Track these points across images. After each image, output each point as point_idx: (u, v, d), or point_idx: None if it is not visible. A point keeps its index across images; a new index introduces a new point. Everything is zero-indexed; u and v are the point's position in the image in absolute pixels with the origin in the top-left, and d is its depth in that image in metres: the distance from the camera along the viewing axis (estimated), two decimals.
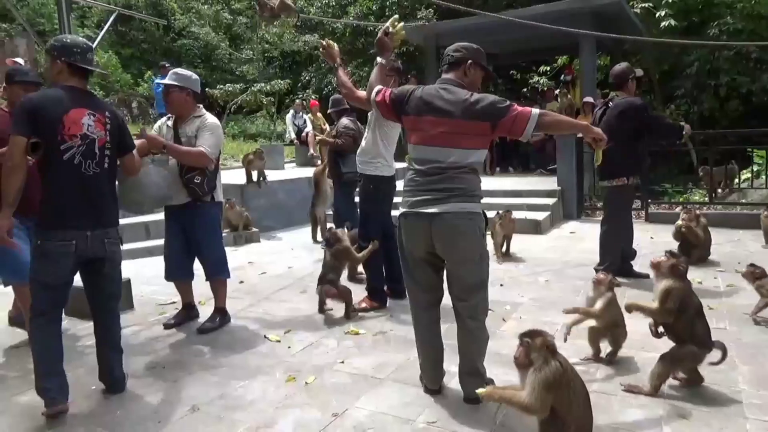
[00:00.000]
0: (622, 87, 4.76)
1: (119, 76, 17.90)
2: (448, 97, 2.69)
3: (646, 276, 4.91)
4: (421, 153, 2.75)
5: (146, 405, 2.90)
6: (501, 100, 2.67)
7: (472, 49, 2.84)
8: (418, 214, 2.71)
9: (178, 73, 3.95)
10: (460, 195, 2.66)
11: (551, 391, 2.17)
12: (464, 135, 2.64)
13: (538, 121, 2.61)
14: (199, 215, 3.90)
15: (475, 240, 2.69)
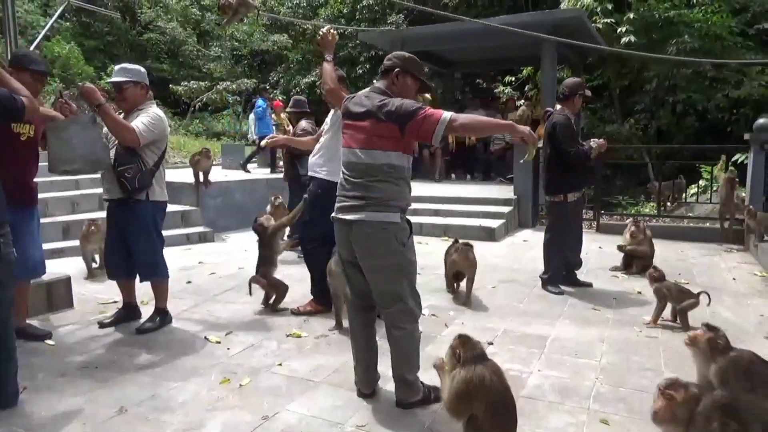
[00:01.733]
0: (567, 100, 4.83)
1: (81, 68, 17.46)
2: (366, 102, 2.75)
3: (589, 285, 5.05)
4: (345, 155, 2.82)
5: (73, 406, 2.83)
6: (412, 103, 2.67)
7: (403, 58, 2.86)
8: (340, 220, 2.78)
9: (127, 68, 3.86)
10: (374, 204, 2.68)
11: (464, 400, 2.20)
12: (376, 137, 2.68)
13: (449, 124, 2.57)
14: (131, 213, 3.81)
15: (389, 250, 2.69)
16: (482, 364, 2.26)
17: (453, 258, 4.63)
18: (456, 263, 4.63)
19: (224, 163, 10.42)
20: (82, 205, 6.91)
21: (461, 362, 2.24)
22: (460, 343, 2.29)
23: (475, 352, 2.29)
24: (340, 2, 18.00)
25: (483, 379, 2.22)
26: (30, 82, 3.46)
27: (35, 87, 3.54)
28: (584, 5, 11.86)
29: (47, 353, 3.52)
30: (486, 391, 2.22)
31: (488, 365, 2.29)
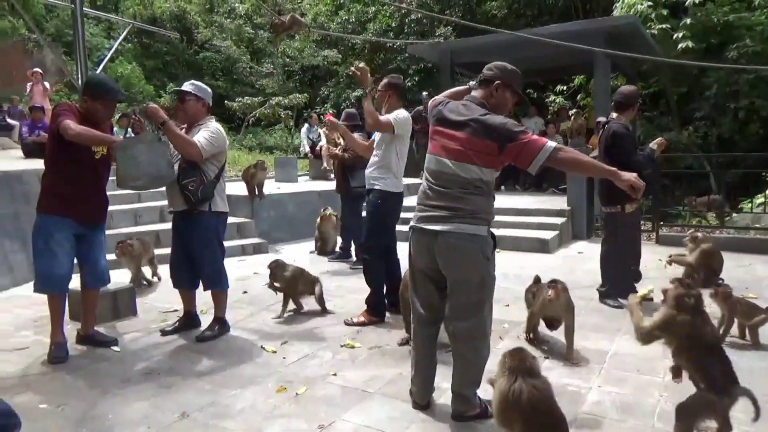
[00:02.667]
0: (624, 109, 4.72)
1: (142, 87, 18.29)
2: (464, 112, 2.70)
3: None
4: (432, 164, 2.78)
5: (138, 410, 2.94)
6: (515, 124, 2.62)
7: (505, 71, 2.77)
8: (422, 230, 2.75)
9: (195, 84, 4.05)
10: (463, 216, 2.65)
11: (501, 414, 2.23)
12: (472, 152, 2.63)
13: (551, 155, 2.51)
14: (195, 224, 3.94)
15: (475, 263, 2.67)
16: (523, 379, 2.21)
17: (545, 300, 3.67)
18: (548, 307, 3.71)
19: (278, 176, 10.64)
20: (145, 217, 7.20)
21: (504, 374, 2.21)
22: (508, 354, 2.25)
23: (519, 365, 2.24)
24: (388, 16, 18.18)
25: (520, 395, 2.17)
26: (102, 110, 3.67)
27: (107, 114, 3.76)
28: (638, 12, 11.55)
29: (113, 359, 3.67)
30: (522, 408, 2.17)
31: (530, 381, 2.23)
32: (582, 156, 2.72)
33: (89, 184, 3.68)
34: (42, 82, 11.10)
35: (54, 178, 3.59)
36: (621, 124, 4.66)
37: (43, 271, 3.56)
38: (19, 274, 5.48)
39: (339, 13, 19.83)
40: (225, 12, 21.49)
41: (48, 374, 3.42)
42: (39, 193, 3.65)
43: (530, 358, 2.31)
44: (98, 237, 3.83)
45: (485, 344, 2.79)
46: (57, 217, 3.53)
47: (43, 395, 3.12)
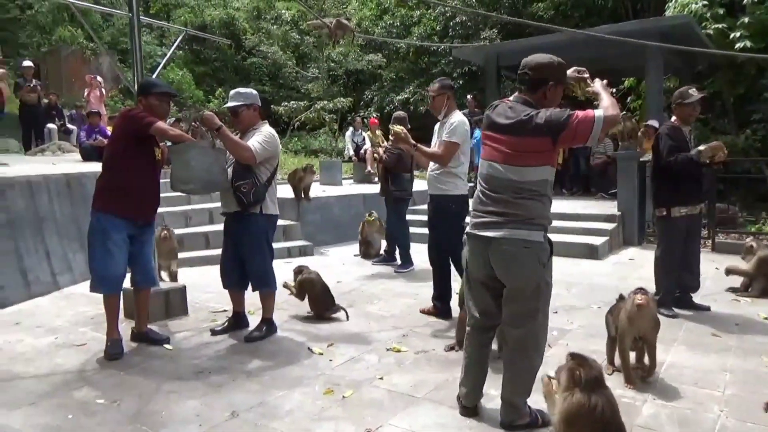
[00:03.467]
0: (673, 111, 4.61)
1: (192, 92, 18.80)
2: (510, 114, 2.65)
3: (707, 308, 4.70)
4: (485, 168, 2.75)
5: (190, 408, 3.01)
6: (559, 111, 2.54)
7: (553, 67, 2.69)
8: (477, 237, 2.72)
9: (241, 92, 4.10)
10: (517, 221, 2.60)
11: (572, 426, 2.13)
12: (522, 152, 2.59)
13: (604, 122, 2.47)
14: (246, 226, 4.01)
15: (530, 270, 2.62)
16: (599, 392, 2.15)
17: (633, 309, 3.18)
18: (637, 318, 3.18)
19: (322, 179, 10.74)
20: (195, 219, 7.38)
21: (578, 385, 2.14)
22: (578, 364, 2.18)
23: (593, 375, 2.17)
24: (433, 20, 18.14)
25: (595, 408, 2.11)
26: (158, 104, 3.80)
27: (163, 108, 3.87)
28: (692, 11, 11.14)
29: (166, 357, 3.76)
30: (595, 421, 2.10)
31: (604, 393, 2.17)
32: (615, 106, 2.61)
33: (147, 184, 3.82)
34: (99, 88, 11.54)
35: (114, 177, 3.72)
36: (669, 125, 4.61)
37: (98, 271, 3.69)
38: (77, 272, 5.70)
39: (383, 17, 19.92)
40: (272, 18, 21.89)
41: (104, 370, 3.54)
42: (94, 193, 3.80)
43: (599, 368, 2.25)
44: (149, 238, 3.96)
45: (538, 353, 2.74)
46: (113, 216, 3.66)
47: (99, 390, 3.22)
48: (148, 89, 3.85)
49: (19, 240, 5.22)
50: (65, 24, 18.41)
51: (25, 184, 5.49)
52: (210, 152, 3.83)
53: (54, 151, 10.33)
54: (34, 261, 5.33)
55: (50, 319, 4.59)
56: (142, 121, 3.62)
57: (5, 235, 5.11)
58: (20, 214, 5.33)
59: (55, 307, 4.92)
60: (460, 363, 3.43)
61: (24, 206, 5.40)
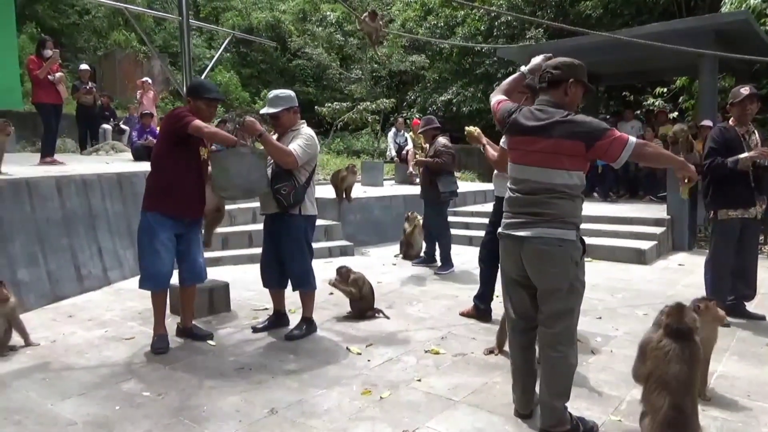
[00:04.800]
0: (729, 111, 4.44)
1: (239, 94, 19.22)
2: (542, 117, 2.65)
3: (762, 318, 4.49)
4: (516, 172, 2.75)
5: (231, 403, 3.06)
6: (599, 122, 2.63)
7: (573, 66, 2.73)
8: (510, 237, 2.72)
9: (279, 96, 4.10)
10: (550, 220, 2.60)
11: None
12: (558, 155, 2.58)
13: (635, 150, 2.54)
14: (286, 226, 4.06)
15: (563, 268, 2.61)
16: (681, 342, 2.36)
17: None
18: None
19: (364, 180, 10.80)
20: (239, 218, 7.53)
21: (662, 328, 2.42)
22: (675, 311, 2.45)
23: (678, 325, 2.39)
24: (478, 20, 17.98)
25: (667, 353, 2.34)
26: (205, 108, 3.88)
27: (209, 112, 3.96)
28: (750, 6, 10.68)
29: (209, 353, 3.85)
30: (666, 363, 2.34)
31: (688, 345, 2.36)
32: (659, 149, 2.82)
33: (194, 183, 3.91)
34: (151, 90, 11.94)
35: (163, 177, 3.83)
36: (719, 126, 4.51)
37: (147, 269, 3.81)
38: (127, 268, 5.91)
39: (428, 18, 19.85)
40: (317, 20, 22.15)
41: (150, 364, 3.65)
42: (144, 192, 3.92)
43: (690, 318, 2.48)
44: (196, 235, 4.05)
45: (573, 352, 2.69)
46: (162, 215, 3.77)
47: (145, 383, 3.33)
48: (199, 92, 3.92)
49: (73, 236, 5.44)
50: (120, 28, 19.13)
51: (80, 182, 5.73)
52: (249, 158, 3.84)
53: (107, 151, 10.74)
54: (86, 256, 5.55)
55: (101, 312, 4.76)
56: (182, 120, 3.70)
57: (61, 231, 5.34)
58: (75, 211, 5.57)
59: (105, 302, 5.11)
60: (500, 367, 3.43)
61: (78, 204, 5.63)
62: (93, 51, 19.08)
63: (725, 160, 4.28)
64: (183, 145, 3.80)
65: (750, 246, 4.57)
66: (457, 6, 18.41)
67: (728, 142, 4.35)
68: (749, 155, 4.21)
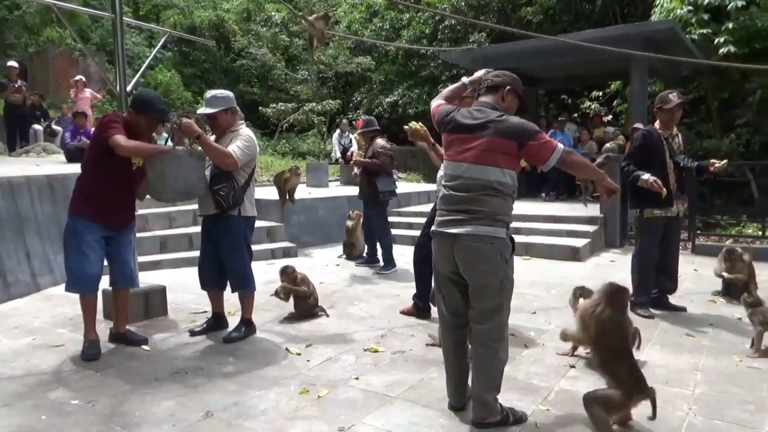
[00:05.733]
0: (655, 114, 4.67)
1: (180, 94, 18.73)
2: (479, 116, 2.76)
3: (683, 309, 4.76)
4: (451, 169, 2.83)
5: (165, 408, 3.01)
6: (531, 125, 2.75)
7: (512, 77, 2.92)
8: (443, 234, 2.79)
9: (217, 97, 4.02)
10: (482, 218, 2.69)
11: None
12: (492, 152, 2.68)
13: (561, 156, 2.68)
14: (224, 228, 4.02)
15: (494, 265, 2.70)
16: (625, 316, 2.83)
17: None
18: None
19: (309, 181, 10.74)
20: (179, 221, 7.37)
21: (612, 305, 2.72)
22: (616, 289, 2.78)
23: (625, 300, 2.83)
24: (423, 23, 18.20)
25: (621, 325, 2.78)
26: (144, 125, 3.78)
27: (149, 129, 3.87)
28: (677, 16, 11.27)
29: (143, 358, 3.76)
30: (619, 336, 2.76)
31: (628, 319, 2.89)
32: (583, 160, 2.93)
33: (123, 192, 3.81)
34: (85, 90, 11.49)
35: (90, 183, 3.72)
36: (643, 129, 4.80)
37: (73, 271, 3.69)
38: (58, 273, 5.67)
39: (373, 20, 19.94)
40: (261, 20, 21.88)
41: (80, 371, 3.53)
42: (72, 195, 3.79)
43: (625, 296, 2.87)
44: (127, 238, 3.94)
45: (503, 347, 2.79)
46: (88, 221, 3.67)
47: (74, 391, 3.22)
48: (143, 108, 3.76)
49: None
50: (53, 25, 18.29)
51: (5, 185, 5.47)
52: (186, 161, 3.77)
53: (38, 153, 10.27)
54: (14, 262, 5.31)
55: (28, 320, 4.57)
56: (104, 132, 3.58)
57: None
58: (0, 215, 5.31)
59: (33, 308, 4.90)
60: (436, 363, 3.50)
61: (4, 207, 5.38)
62: (24, 47, 18.21)
63: (634, 171, 4.50)
64: (111, 155, 3.61)
65: (672, 242, 4.84)
66: (403, 9, 18.60)
67: (651, 145, 4.58)
68: (648, 181, 4.37)
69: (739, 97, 12.47)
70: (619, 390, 2.64)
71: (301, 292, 4.64)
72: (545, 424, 2.81)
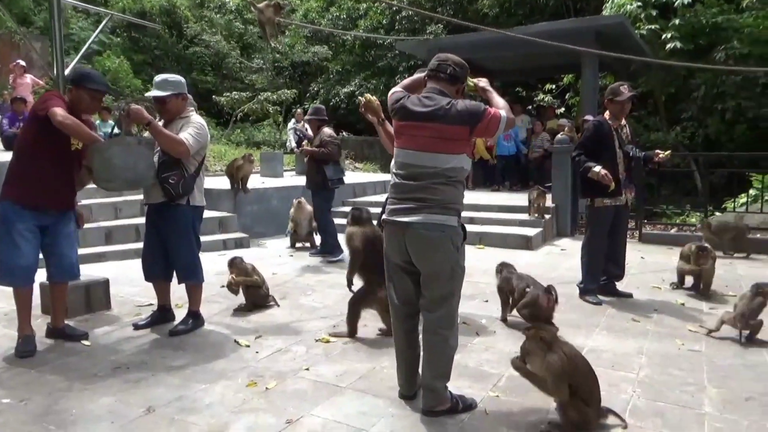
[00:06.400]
0: (605, 106, 4.75)
1: (130, 81, 18.10)
2: (429, 103, 2.70)
3: (629, 295, 4.87)
4: (401, 157, 2.78)
5: (103, 405, 2.88)
6: (476, 104, 2.71)
7: (468, 69, 2.86)
8: (394, 223, 2.75)
9: (168, 80, 3.90)
10: (433, 206, 2.66)
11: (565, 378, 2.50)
12: (443, 140, 2.65)
13: (507, 122, 2.71)
14: (172, 217, 3.88)
15: (445, 253, 2.68)
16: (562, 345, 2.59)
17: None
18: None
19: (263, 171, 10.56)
20: (125, 211, 7.11)
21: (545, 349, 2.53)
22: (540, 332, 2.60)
23: (553, 335, 2.62)
24: (380, 13, 18.11)
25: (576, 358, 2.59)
26: (87, 99, 3.59)
27: (92, 104, 3.68)
28: (627, 12, 11.56)
29: (83, 353, 3.59)
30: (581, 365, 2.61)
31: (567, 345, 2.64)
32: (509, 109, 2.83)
33: (60, 174, 3.60)
34: (25, 75, 10.95)
35: (25, 165, 3.51)
36: (594, 120, 4.84)
37: (4, 263, 3.48)
38: None
39: (330, 9, 19.75)
40: (215, 7, 21.34)
41: (14, 368, 3.35)
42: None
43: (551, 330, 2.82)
44: (64, 229, 3.72)
45: (453, 335, 2.78)
46: (20, 207, 3.46)
47: (6, 390, 3.04)
48: (81, 81, 3.61)
49: None
50: None
51: None
52: (135, 149, 3.62)
53: None
54: None
55: None
56: (44, 103, 3.41)
57: None
58: None
59: None
60: (388, 352, 3.47)
61: None
62: None
63: (586, 162, 4.55)
64: (50, 132, 3.44)
65: (620, 230, 4.94)
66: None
67: (601, 136, 4.65)
68: (599, 173, 4.42)
69: (684, 92, 12.91)
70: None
71: (254, 282, 4.53)
72: (495, 411, 2.82)
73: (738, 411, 2.81)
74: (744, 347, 3.67)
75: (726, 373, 3.27)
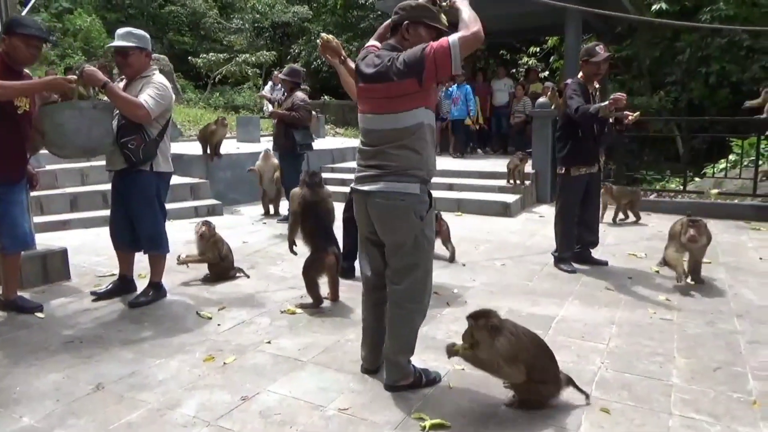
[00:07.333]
0: (580, 67, 4.57)
1: (103, 41, 17.47)
2: (377, 62, 2.52)
3: (604, 263, 4.81)
4: (362, 122, 2.64)
5: (50, 381, 2.75)
6: (414, 49, 2.41)
7: (409, 8, 2.58)
8: (358, 192, 2.63)
9: (132, 33, 3.67)
10: (393, 173, 2.50)
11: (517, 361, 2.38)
12: (395, 98, 2.46)
13: (460, 47, 2.32)
14: (134, 184, 3.69)
15: (406, 223, 2.53)
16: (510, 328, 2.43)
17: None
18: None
19: (239, 136, 10.28)
20: (92, 177, 6.87)
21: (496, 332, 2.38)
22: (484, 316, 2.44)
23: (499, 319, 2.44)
24: None
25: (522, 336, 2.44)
26: (22, 47, 3.36)
27: (29, 52, 3.43)
28: None
29: (34, 326, 3.45)
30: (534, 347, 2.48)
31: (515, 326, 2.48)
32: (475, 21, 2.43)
33: (8, 139, 3.40)
34: None
35: None
36: (573, 81, 4.55)
37: None
38: None
39: None
40: None
41: None
42: None
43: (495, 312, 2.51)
44: (16, 197, 3.54)
45: (419, 309, 2.66)
46: None
47: None
48: (13, 28, 3.37)
49: None
50: None
51: None
52: (88, 113, 3.40)
53: None
54: None
55: None
56: None
57: None
58: None
59: None
60: (354, 324, 3.36)
61: None
62: None
63: (589, 108, 4.25)
64: None
65: (593, 197, 4.84)
66: None
67: (584, 95, 4.49)
68: (607, 104, 4.14)
69: (669, 56, 12.73)
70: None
71: (204, 260, 4.38)
72: (458, 385, 2.73)
73: (705, 381, 2.75)
74: (715, 316, 3.62)
75: (696, 342, 3.21)
